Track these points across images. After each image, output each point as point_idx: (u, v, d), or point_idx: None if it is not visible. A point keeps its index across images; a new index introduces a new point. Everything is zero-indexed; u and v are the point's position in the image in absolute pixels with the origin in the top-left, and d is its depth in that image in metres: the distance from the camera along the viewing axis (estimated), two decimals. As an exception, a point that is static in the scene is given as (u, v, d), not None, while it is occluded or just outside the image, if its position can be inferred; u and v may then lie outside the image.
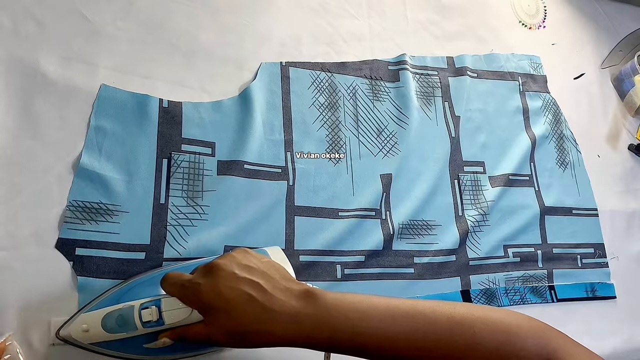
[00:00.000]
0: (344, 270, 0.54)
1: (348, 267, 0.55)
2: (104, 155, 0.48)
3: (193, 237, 0.49)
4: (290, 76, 0.60)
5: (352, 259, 0.55)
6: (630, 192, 0.77)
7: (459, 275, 0.60)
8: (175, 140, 0.51)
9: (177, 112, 0.52)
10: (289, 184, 0.55)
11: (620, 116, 0.82)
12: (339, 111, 0.61)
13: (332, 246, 0.54)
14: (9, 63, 0.47)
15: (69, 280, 0.44)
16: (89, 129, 0.48)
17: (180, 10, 0.57)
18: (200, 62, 0.56)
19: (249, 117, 0.55)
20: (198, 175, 0.51)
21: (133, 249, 0.47)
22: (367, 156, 0.60)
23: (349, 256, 0.55)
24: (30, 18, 0.49)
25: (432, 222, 0.61)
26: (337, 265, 0.54)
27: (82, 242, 0.45)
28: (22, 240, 0.43)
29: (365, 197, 0.58)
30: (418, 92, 0.66)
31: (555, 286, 0.65)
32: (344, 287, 0.54)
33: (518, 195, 0.67)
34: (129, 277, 0.46)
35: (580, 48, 0.84)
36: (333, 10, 0.66)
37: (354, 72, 0.63)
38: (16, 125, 0.46)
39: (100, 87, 0.50)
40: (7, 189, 0.44)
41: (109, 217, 0.47)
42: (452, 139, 0.66)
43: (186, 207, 0.50)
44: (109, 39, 0.52)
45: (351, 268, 0.55)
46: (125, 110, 0.50)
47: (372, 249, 0.56)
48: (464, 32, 0.74)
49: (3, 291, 0.42)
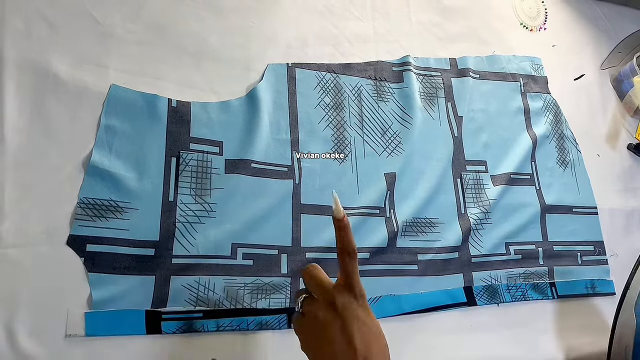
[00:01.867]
0: None
1: None
2: (114, 154, 0.49)
3: (201, 234, 0.50)
4: (296, 77, 0.60)
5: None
6: (629, 190, 0.78)
7: (462, 272, 0.61)
8: (184, 139, 0.52)
9: (186, 112, 0.53)
10: (295, 183, 0.56)
11: (620, 116, 0.83)
12: (344, 111, 0.62)
13: None
14: (21, 64, 0.48)
15: (80, 277, 0.45)
16: (99, 127, 0.49)
17: (188, 12, 0.58)
18: (209, 64, 0.57)
19: (256, 117, 0.56)
20: (206, 173, 0.52)
21: (143, 245, 0.48)
22: (371, 155, 0.61)
23: None
24: (42, 20, 0.50)
25: (435, 219, 0.62)
26: None
27: (92, 238, 0.46)
28: (34, 238, 0.44)
29: (369, 195, 0.59)
30: (422, 93, 0.67)
31: (555, 283, 0.66)
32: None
33: (519, 194, 0.68)
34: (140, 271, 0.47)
35: (580, 50, 0.85)
36: (338, 12, 0.66)
37: (358, 73, 0.64)
38: (28, 126, 0.47)
39: (110, 87, 0.51)
40: (20, 188, 0.45)
41: (119, 214, 0.47)
42: (454, 139, 0.67)
43: (194, 205, 0.51)
44: (119, 40, 0.53)
45: None
46: (135, 110, 0.51)
47: (376, 246, 0.57)
48: (467, 34, 0.75)
49: (16, 288, 0.43)
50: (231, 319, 0.49)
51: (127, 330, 0.45)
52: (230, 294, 0.50)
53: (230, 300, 0.50)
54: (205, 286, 0.49)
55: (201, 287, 0.49)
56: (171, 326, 0.46)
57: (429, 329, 0.56)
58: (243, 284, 0.51)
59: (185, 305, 0.48)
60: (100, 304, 0.45)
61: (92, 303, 0.44)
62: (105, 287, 0.45)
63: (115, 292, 0.46)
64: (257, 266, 0.52)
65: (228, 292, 0.50)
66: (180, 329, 0.47)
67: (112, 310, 0.45)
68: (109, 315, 0.45)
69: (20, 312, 0.42)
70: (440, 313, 0.58)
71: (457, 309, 0.59)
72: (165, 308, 0.47)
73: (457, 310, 0.59)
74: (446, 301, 0.58)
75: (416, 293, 0.57)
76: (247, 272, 0.51)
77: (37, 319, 0.43)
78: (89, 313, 0.44)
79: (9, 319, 0.42)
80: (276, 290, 0.52)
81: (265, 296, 0.51)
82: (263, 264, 0.52)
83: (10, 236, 0.44)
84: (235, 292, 0.50)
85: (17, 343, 0.41)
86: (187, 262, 0.49)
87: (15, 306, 0.42)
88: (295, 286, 0.52)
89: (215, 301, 0.49)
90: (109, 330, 0.44)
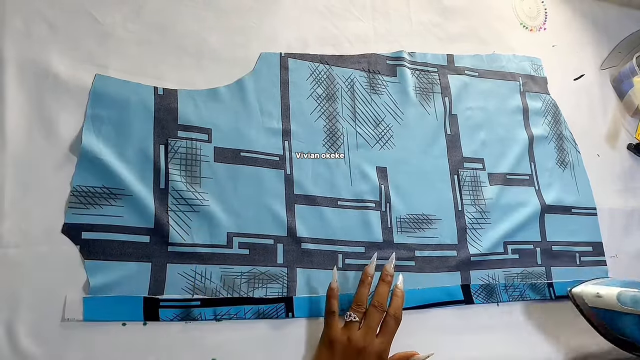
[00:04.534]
0: (345, 260, 0.56)
1: (349, 257, 0.56)
2: (102, 142, 0.49)
3: (195, 223, 0.50)
4: (289, 67, 0.60)
5: (353, 250, 0.56)
6: (629, 190, 0.78)
7: (459, 270, 0.61)
8: (171, 127, 0.52)
9: (172, 99, 0.53)
10: (286, 173, 0.56)
11: (620, 116, 0.83)
12: (336, 102, 0.62)
13: (332, 235, 0.56)
14: (21, 64, 0.48)
15: (81, 276, 0.45)
16: (85, 116, 0.49)
17: (188, 12, 0.58)
18: (209, 63, 0.57)
19: (246, 104, 0.56)
20: (195, 161, 0.52)
21: (138, 232, 0.48)
22: (364, 147, 0.61)
23: (349, 246, 0.56)
24: (42, 20, 0.50)
25: (432, 216, 0.62)
26: (339, 255, 0.56)
27: (87, 226, 0.46)
28: (34, 238, 0.45)
29: (363, 187, 0.59)
30: (417, 88, 0.67)
31: (553, 283, 0.66)
32: (345, 276, 0.55)
33: (518, 194, 0.68)
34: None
35: (580, 50, 0.84)
36: (338, 12, 0.66)
37: (352, 65, 0.64)
38: (28, 125, 0.47)
39: (94, 77, 0.51)
40: (19, 187, 0.45)
41: (112, 201, 0.48)
42: (451, 135, 0.67)
43: (186, 192, 0.51)
44: (119, 40, 0.53)
45: (352, 258, 0.56)
46: (121, 98, 0.51)
47: (372, 241, 0.57)
48: (467, 34, 0.75)
49: (16, 288, 0.43)
50: (229, 307, 0.49)
51: (125, 316, 0.46)
52: (227, 283, 0.50)
53: (227, 289, 0.50)
54: (202, 275, 0.50)
55: (198, 276, 0.49)
56: (169, 313, 0.47)
57: (427, 328, 0.57)
58: (240, 272, 0.51)
59: (182, 294, 0.48)
60: (98, 291, 0.45)
61: (89, 290, 0.45)
62: (102, 274, 0.46)
63: (112, 278, 0.46)
64: (253, 255, 0.52)
65: (225, 281, 0.50)
66: (178, 317, 0.47)
67: (111, 295, 0.46)
68: (107, 301, 0.45)
69: (20, 312, 0.42)
70: (439, 313, 0.58)
71: (455, 306, 0.59)
72: (162, 295, 0.47)
73: (456, 310, 0.59)
74: (443, 298, 0.58)
75: (414, 289, 0.57)
76: (243, 262, 0.51)
77: (37, 319, 0.43)
78: (87, 298, 0.45)
79: (9, 318, 0.42)
80: (273, 279, 0.52)
81: (262, 285, 0.51)
82: (259, 254, 0.52)
83: (10, 236, 0.44)
84: (232, 280, 0.51)
85: (17, 343, 0.41)
86: (183, 250, 0.49)
87: (15, 306, 0.42)
88: (292, 276, 0.53)
89: (212, 290, 0.50)
90: (107, 316, 0.45)
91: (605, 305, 0.56)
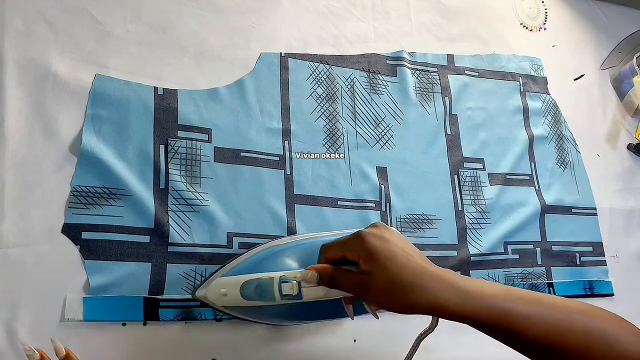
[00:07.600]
0: None
1: None
2: (102, 142, 0.49)
3: (195, 223, 0.50)
4: (289, 67, 0.60)
5: None
6: (629, 190, 0.78)
7: (460, 270, 0.61)
8: (171, 127, 0.52)
9: (172, 99, 0.53)
10: (286, 173, 0.56)
11: (620, 116, 0.83)
12: (336, 102, 0.62)
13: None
14: (21, 64, 0.48)
15: (81, 275, 0.45)
16: (85, 116, 0.49)
17: (188, 12, 0.58)
18: (209, 63, 0.57)
19: (246, 104, 0.56)
20: (195, 161, 0.52)
21: (138, 232, 0.48)
22: (364, 147, 0.61)
23: None
24: (42, 20, 0.50)
25: (432, 216, 0.62)
26: None
27: (87, 226, 0.46)
28: (34, 238, 0.45)
29: (363, 187, 0.59)
30: (417, 88, 0.67)
31: (554, 283, 0.66)
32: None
33: (519, 194, 0.68)
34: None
35: (580, 50, 0.85)
36: (338, 12, 0.66)
37: (352, 65, 0.64)
38: (29, 125, 0.47)
39: (94, 77, 0.51)
40: (20, 187, 0.45)
41: (112, 201, 0.48)
42: (451, 135, 0.67)
43: (186, 192, 0.51)
44: (119, 40, 0.53)
45: None
46: (121, 98, 0.51)
47: None
48: (467, 34, 0.75)
49: (16, 288, 0.43)
50: None
51: (125, 316, 0.45)
52: None
53: None
54: (202, 275, 0.50)
55: (198, 276, 0.49)
56: (169, 313, 0.47)
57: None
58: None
59: (182, 294, 0.48)
60: (98, 291, 0.45)
61: (89, 290, 0.45)
62: (102, 274, 0.46)
63: (112, 278, 0.46)
64: None
65: None
66: (178, 317, 0.47)
67: (111, 296, 0.46)
68: (107, 301, 0.45)
69: (20, 311, 0.42)
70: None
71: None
72: (162, 295, 0.47)
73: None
74: None
75: None
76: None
77: (37, 319, 0.43)
78: (87, 298, 0.45)
79: (9, 318, 0.42)
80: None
81: None
82: None
83: (10, 236, 0.44)
84: None
85: (17, 342, 0.41)
86: (183, 250, 0.49)
87: (15, 306, 0.42)
88: None
89: None
90: (107, 316, 0.45)
91: (238, 304, 0.44)
